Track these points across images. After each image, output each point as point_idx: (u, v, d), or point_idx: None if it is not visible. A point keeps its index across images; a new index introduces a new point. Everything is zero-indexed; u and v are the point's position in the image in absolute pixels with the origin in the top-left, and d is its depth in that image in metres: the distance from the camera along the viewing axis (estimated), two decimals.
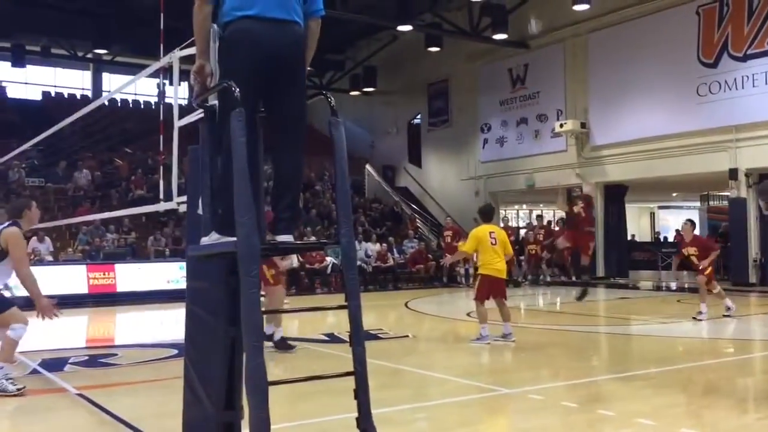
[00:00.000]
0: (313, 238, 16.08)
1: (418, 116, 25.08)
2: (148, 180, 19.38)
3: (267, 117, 3.39)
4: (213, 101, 3.50)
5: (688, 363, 6.99)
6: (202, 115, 3.72)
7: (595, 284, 16.75)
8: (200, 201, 3.70)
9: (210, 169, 3.52)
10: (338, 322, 9.63)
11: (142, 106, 25.89)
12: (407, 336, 9.11)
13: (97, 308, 13.33)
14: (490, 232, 8.17)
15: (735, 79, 16.07)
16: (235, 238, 3.12)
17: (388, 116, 25.44)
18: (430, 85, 24.02)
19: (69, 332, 9.80)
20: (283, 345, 7.51)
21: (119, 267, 14.75)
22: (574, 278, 16.64)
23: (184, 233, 8.81)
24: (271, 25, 3.29)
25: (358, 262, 17.45)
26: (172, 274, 14.54)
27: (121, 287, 14.52)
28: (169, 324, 10.78)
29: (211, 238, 3.26)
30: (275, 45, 3.30)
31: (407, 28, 20.09)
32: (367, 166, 24.66)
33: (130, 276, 14.70)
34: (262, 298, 6.86)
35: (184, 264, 4.29)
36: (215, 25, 3.43)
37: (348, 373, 3.24)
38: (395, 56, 23.94)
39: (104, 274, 14.55)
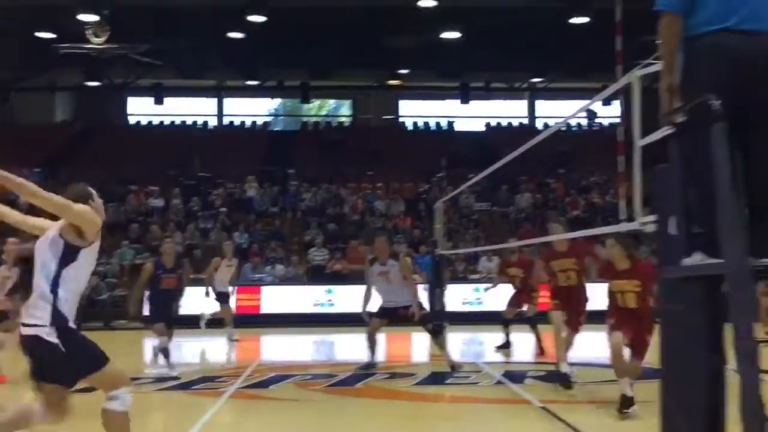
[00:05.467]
0: None
1: None
2: (584, 200, 19.75)
3: (738, 134, 3.11)
4: (683, 118, 3.38)
5: None
6: (669, 132, 3.61)
7: None
8: (672, 220, 3.59)
9: (685, 187, 3.38)
10: None
11: (573, 128, 26.42)
12: None
13: None
14: None
15: None
16: (721, 260, 2.95)
17: None
18: None
19: (523, 347, 10.38)
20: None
21: None
22: None
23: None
24: (745, 38, 3.05)
25: None
26: None
27: None
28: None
29: (696, 260, 3.11)
30: (749, 60, 3.05)
31: None
32: None
33: None
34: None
35: None
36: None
37: None
38: None
39: None
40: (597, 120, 26.10)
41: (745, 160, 3.17)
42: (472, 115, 27.74)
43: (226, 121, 28.18)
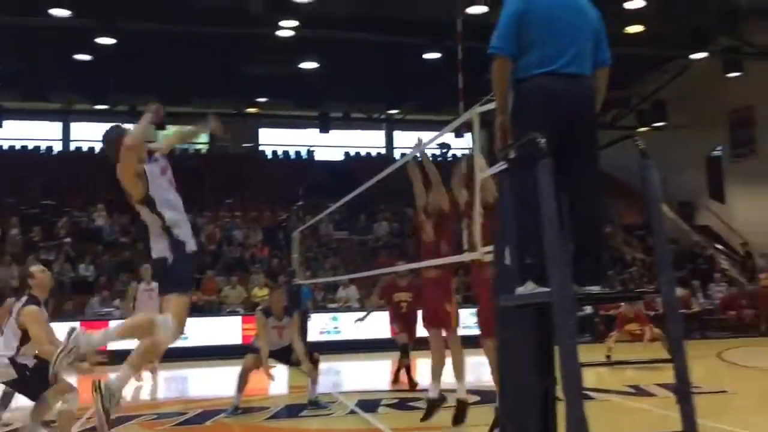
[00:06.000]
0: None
1: (718, 148, 23.07)
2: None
3: (563, 170, 3.32)
4: (513, 154, 3.56)
5: None
6: (504, 167, 3.81)
7: None
8: (507, 251, 3.77)
9: (516, 219, 3.56)
10: (642, 373, 9.03)
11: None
12: (724, 391, 8.23)
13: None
14: None
15: None
16: (548, 289, 3.13)
17: (682, 151, 23.74)
18: (731, 113, 22.00)
19: (379, 375, 10.49)
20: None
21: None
22: None
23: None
24: (568, 81, 3.31)
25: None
26: None
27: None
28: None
29: (527, 289, 3.27)
30: (572, 101, 3.32)
31: (701, 55, 18.81)
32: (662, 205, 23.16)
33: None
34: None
35: None
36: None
37: None
38: (687, 86, 22.36)
39: None
40: (451, 152, 27.07)
41: (569, 195, 3.40)
42: (331, 144, 27.95)
43: (72, 146, 26.66)
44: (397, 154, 28.40)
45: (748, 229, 21.55)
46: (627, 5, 15.64)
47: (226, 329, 15.05)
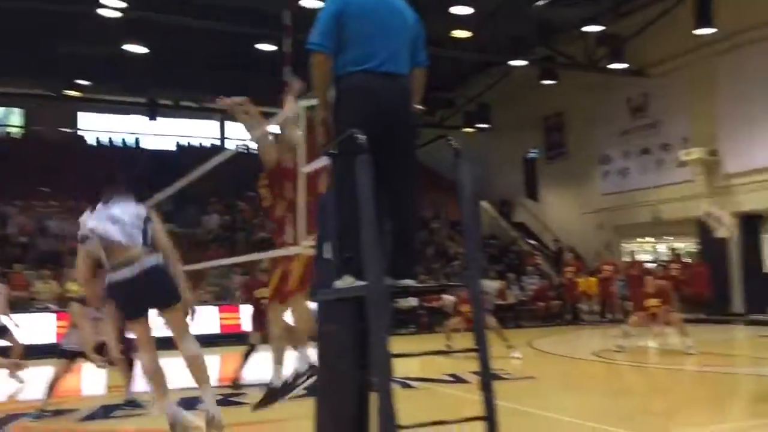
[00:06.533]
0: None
1: (533, 150, 24.80)
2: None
3: (380, 166, 3.40)
4: (334, 149, 3.61)
5: None
6: (327, 161, 3.85)
7: (729, 321, 15.83)
8: (328, 245, 3.81)
9: (336, 214, 3.61)
10: (462, 362, 9.50)
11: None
12: (532, 377, 8.87)
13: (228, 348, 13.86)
14: None
15: None
16: (365, 283, 3.20)
17: (503, 151, 25.26)
18: (545, 118, 23.73)
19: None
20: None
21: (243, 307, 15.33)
22: None
23: None
24: (384, 79, 3.42)
25: None
26: None
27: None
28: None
29: (345, 282, 3.33)
30: (388, 99, 3.43)
31: (520, 62, 20.07)
32: (483, 203, 24.54)
33: None
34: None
35: None
36: None
37: (477, 418, 3.22)
38: (508, 91, 23.84)
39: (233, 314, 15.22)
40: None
41: (386, 190, 3.49)
42: (160, 133, 26.83)
43: None
44: (230, 145, 27.80)
45: (558, 227, 23.39)
46: (453, 10, 16.35)
47: (38, 327, 13.99)
